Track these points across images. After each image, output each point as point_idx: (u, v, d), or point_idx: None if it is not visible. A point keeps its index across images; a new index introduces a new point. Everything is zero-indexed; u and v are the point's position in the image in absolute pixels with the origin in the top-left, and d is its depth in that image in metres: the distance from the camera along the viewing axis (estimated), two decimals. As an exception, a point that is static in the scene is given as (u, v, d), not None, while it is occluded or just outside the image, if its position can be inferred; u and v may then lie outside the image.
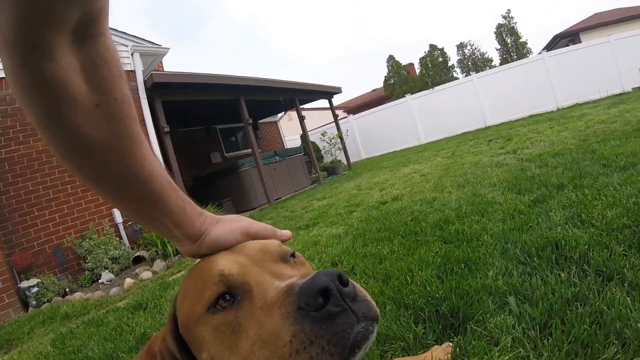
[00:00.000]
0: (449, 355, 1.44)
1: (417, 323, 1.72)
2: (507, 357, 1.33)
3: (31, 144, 6.39)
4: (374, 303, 0.69)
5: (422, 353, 1.51)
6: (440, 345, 1.52)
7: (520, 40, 26.87)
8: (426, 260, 2.43)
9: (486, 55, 28.18)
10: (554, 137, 6.41)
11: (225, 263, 0.74)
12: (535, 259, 1.94)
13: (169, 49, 8.44)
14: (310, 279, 0.63)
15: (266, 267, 0.76)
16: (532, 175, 3.95)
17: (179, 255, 6.04)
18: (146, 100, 7.94)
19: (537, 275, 1.77)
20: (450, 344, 1.51)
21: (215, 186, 11.57)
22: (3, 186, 6.04)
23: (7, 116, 6.24)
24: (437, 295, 1.85)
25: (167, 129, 7.99)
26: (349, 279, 0.66)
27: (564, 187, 3.16)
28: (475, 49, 28.42)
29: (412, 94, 18.59)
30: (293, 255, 0.86)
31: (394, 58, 26.80)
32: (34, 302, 5.35)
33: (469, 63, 28.01)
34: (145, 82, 7.93)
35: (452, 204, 3.82)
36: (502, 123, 14.99)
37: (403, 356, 1.53)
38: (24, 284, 5.48)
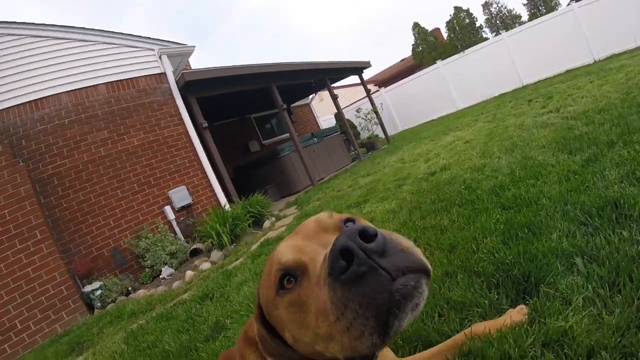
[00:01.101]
0: (526, 317, 1.52)
1: (490, 289, 1.81)
2: (580, 315, 1.40)
3: (76, 156, 6.79)
4: (418, 252, 0.66)
5: (499, 317, 1.59)
6: (515, 308, 1.60)
7: (548, -8, 25.82)
8: (489, 228, 2.49)
9: (514, 12, 27.21)
10: (596, 91, 6.23)
11: (282, 247, 0.80)
12: (596, 219, 2.00)
13: (194, 47, 8.62)
14: (333, 242, 0.63)
15: (321, 240, 0.78)
16: (580, 134, 3.91)
17: (234, 244, 6.28)
18: (181, 99, 8.22)
19: (600, 235, 1.82)
20: (524, 306, 1.59)
21: (257, 174, 11.86)
22: (55, 200, 6.42)
23: (48, 134, 6.63)
24: (506, 261, 1.93)
25: (205, 125, 8.24)
26: (379, 231, 0.64)
27: (614, 144, 3.13)
28: (502, 6, 27.47)
29: (442, 59, 18.19)
30: (352, 220, 0.86)
31: (419, 25, 26.15)
32: (99, 304, 5.65)
33: (497, 22, 27.13)
34: (177, 82, 8.19)
35: (503, 169, 3.83)
36: (539, 81, 14.48)
37: (481, 322, 1.59)
38: (87, 288, 5.78)
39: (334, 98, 12.94)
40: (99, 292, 5.74)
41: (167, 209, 7.42)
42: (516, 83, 15.59)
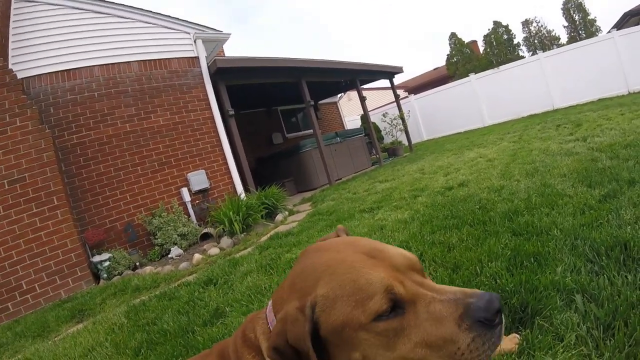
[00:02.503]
0: (516, 347, 1.53)
1: None
2: (570, 353, 1.40)
3: (101, 129, 6.92)
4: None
5: None
6: (507, 336, 1.60)
7: (589, 17, 25.11)
8: (495, 252, 2.48)
9: (553, 33, 26.60)
10: (626, 125, 6.11)
11: (385, 278, 0.84)
12: (603, 258, 1.98)
13: (230, 34, 8.71)
14: (487, 301, 0.81)
15: (413, 278, 0.88)
16: (603, 168, 3.85)
17: (245, 233, 6.32)
18: (211, 85, 8.30)
19: (605, 275, 1.81)
20: (518, 335, 1.59)
21: (277, 166, 11.92)
22: (75, 169, 6.56)
23: (77, 104, 6.77)
24: (507, 289, 1.93)
25: (231, 112, 8.31)
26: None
27: (635, 183, 3.09)
28: (542, 26, 26.90)
29: (475, 73, 17.98)
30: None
31: (456, 35, 25.81)
32: (105, 275, 5.74)
33: (535, 41, 26.62)
34: (209, 67, 8.28)
35: (521, 194, 3.81)
36: (570, 106, 14.17)
37: None
38: (96, 258, 5.87)
39: (362, 100, 12.93)
40: (107, 263, 5.84)
41: (184, 190, 7.52)
42: (547, 106, 15.31)
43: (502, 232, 2.86)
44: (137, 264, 6.18)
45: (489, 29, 25.18)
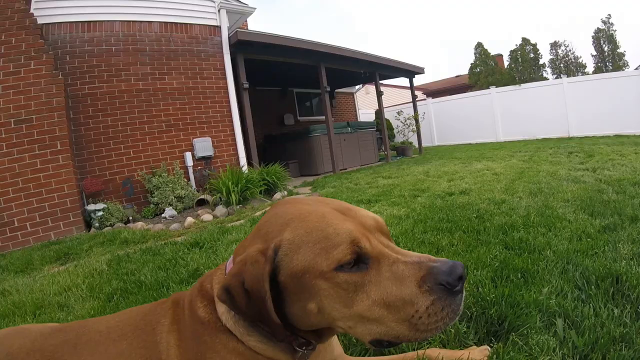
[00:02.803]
0: (486, 358, 1.48)
1: (461, 320, 1.77)
2: None
3: (114, 83, 6.91)
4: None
5: (459, 349, 1.56)
6: (478, 347, 1.56)
7: (618, 50, 24.77)
8: (484, 261, 2.45)
9: (580, 60, 26.25)
10: (637, 164, 6.00)
11: (353, 231, 0.85)
12: (593, 287, 1.93)
13: (255, 9, 8.66)
14: (451, 266, 0.81)
15: (380, 239, 0.89)
16: (608, 200, 3.78)
17: (240, 205, 6.32)
18: (229, 55, 8.28)
19: (591, 305, 1.76)
20: (489, 348, 1.55)
21: (284, 147, 11.89)
22: (83, 119, 6.58)
23: (93, 56, 6.75)
24: (487, 298, 1.89)
25: (246, 85, 8.29)
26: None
27: (638, 220, 3.02)
28: (570, 50, 26.55)
29: (497, 86, 17.80)
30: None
31: (482, 46, 25.41)
32: (97, 225, 5.79)
33: (561, 65, 26.30)
34: (229, 38, 8.23)
35: (520, 210, 3.76)
36: (585, 136, 13.88)
37: (440, 348, 1.57)
38: (91, 207, 5.94)
39: (379, 93, 12.83)
40: (100, 213, 5.88)
41: (188, 155, 7.51)
42: (563, 132, 15.06)
43: (495, 243, 2.83)
44: (130, 218, 6.23)
45: (516, 45, 24.87)
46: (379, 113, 13.35)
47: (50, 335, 1.05)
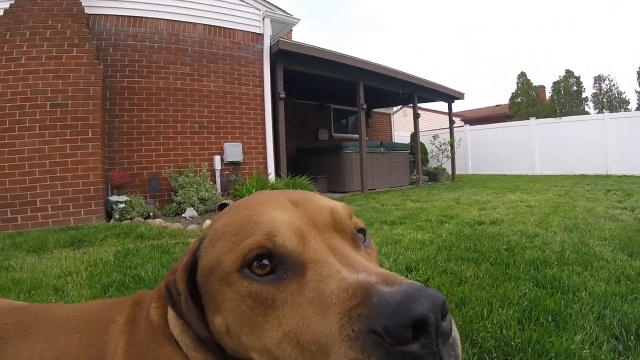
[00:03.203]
0: None
1: None
2: None
3: (153, 80, 7.00)
4: (460, 348, 0.50)
5: None
6: None
7: (665, 88, 24.04)
8: (511, 299, 2.25)
9: (623, 96, 25.49)
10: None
11: (278, 221, 0.61)
12: (632, 337, 1.72)
13: (299, 20, 8.70)
14: (402, 296, 0.46)
15: (329, 240, 0.61)
16: (650, 241, 3.52)
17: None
18: (269, 64, 8.30)
19: (631, 358, 1.56)
20: None
21: (315, 161, 11.80)
22: (118, 111, 6.69)
23: (136, 51, 6.88)
24: (512, 343, 1.69)
25: (282, 95, 8.30)
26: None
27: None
28: (614, 85, 25.79)
29: (537, 118, 17.33)
30: (364, 232, 0.71)
31: (525, 75, 24.86)
32: (117, 216, 5.83)
33: (604, 99, 25.55)
34: (271, 47, 8.27)
35: (554, 246, 3.53)
36: (624, 175, 13.26)
37: None
38: (114, 198, 5.97)
39: (416, 116, 12.67)
40: (122, 205, 5.90)
41: (217, 158, 7.51)
42: (601, 169, 14.41)
43: (524, 279, 2.62)
44: (151, 214, 6.24)
45: (559, 77, 24.35)
46: (415, 135, 13.16)
47: (8, 312, 0.96)
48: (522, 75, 25.05)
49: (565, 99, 23.63)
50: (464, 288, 2.52)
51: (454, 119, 15.18)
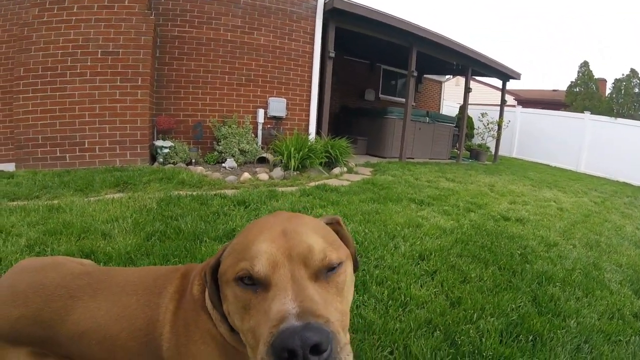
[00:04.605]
0: None
1: None
2: None
3: (204, 30, 7.08)
4: None
5: None
6: None
7: None
8: (503, 309, 2.36)
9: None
10: None
11: (261, 252, 0.83)
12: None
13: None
14: (289, 331, 0.69)
15: (294, 271, 0.82)
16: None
17: (297, 172, 6.42)
18: (321, 21, 8.20)
19: None
20: None
21: (358, 121, 11.80)
22: (168, 59, 6.84)
23: (188, 1, 6.92)
24: (484, 354, 1.82)
25: (332, 54, 8.24)
26: (338, 352, 0.71)
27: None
28: (681, 94, 23.74)
29: (592, 113, 16.27)
30: (334, 269, 0.88)
31: (588, 65, 23.16)
32: (161, 160, 6.15)
33: (668, 104, 23.66)
34: (325, 4, 8.13)
35: (567, 262, 3.54)
36: None
37: None
38: (159, 142, 6.24)
39: (467, 90, 12.29)
40: (167, 150, 6.19)
41: (260, 112, 7.66)
42: (646, 180, 13.57)
43: (524, 291, 2.72)
44: (193, 161, 6.54)
45: (623, 74, 22.37)
46: (463, 109, 12.82)
47: (79, 276, 1.21)
48: (585, 64, 23.29)
49: (624, 99, 21.92)
50: (465, 287, 2.64)
51: (507, 97, 14.63)
